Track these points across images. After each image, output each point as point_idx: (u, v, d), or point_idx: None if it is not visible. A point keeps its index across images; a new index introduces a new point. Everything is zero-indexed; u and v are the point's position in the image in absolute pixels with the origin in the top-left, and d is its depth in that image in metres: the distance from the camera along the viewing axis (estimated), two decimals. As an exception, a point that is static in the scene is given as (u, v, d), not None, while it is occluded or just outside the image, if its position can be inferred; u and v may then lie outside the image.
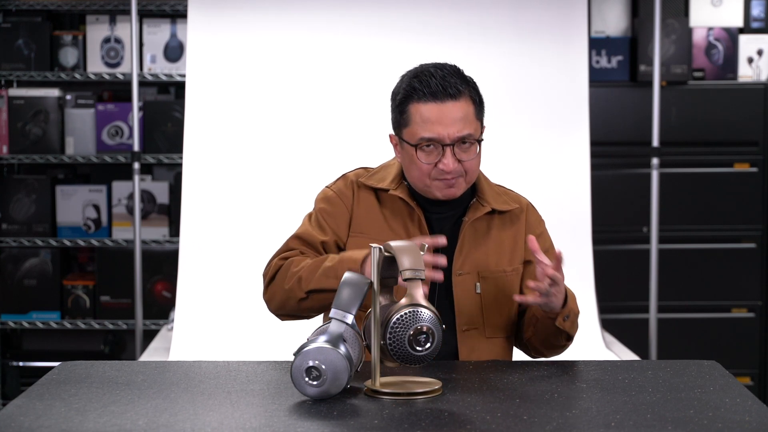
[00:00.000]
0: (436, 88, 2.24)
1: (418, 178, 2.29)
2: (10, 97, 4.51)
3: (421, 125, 2.25)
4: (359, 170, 2.43)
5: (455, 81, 2.26)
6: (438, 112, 2.24)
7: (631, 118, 4.45)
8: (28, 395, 1.90)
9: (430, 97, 2.25)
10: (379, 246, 1.95)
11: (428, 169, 2.27)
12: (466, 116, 2.26)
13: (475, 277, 2.31)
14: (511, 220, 2.39)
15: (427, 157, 2.26)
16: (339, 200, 2.37)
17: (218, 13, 3.85)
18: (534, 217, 2.44)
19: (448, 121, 2.24)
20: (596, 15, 4.56)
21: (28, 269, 4.57)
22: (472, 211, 2.34)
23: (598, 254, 4.01)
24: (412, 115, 2.27)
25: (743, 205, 4.50)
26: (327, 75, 3.81)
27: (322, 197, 2.41)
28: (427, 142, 2.25)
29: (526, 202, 2.44)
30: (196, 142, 3.79)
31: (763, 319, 4.53)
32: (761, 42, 4.58)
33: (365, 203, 2.36)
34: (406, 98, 2.28)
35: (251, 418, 1.77)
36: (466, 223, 2.33)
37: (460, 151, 2.25)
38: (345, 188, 2.38)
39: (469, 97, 2.28)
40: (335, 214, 2.37)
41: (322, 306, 2.27)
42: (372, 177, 2.39)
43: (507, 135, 3.82)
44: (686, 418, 1.76)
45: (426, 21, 3.85)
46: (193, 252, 3.72)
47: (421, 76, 2.27)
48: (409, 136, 2.28)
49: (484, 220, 2.35)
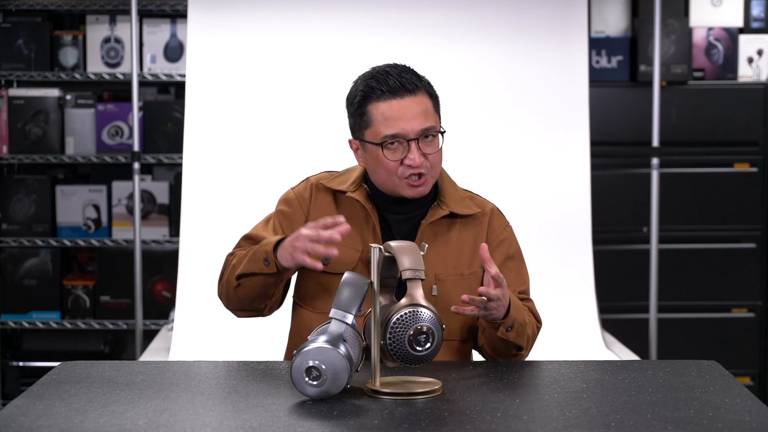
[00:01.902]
0: (394, 85, 2.26)
1: (386, 178, 2.29)
2: (10, 97, 4.51)
3: (383, 123, 2.26)
4: (323, 173, 2.44)
5: (410, 77, 2.28)
6: (398, 107, 2.26)
7: (631, 118, 4.45)
8: (28, 395, 1.90)
9: (389, 95, 2.26)
10: (379, 246, 1.95)
11: (395, 167, 2.26)
12: (426, 109, 2.27)
13: (432, 280, 2.29)
14: (473, 224, 2.37)
15: (393, 154, 2.26)
16: (296, 202, 2.39)
17: (218, 13, 3.85)
18: (498, 222, 2.41)
19: (410, 115, 2.25)
20: (596, 15, 4.56)
21: (28, 269, 4.57)
22: (431, 214, 2.34)
23: (598, 254, 4.01)
24: (373, 114, 2.27)
25: (743, 205, 4.50)
26: (327, 75, 3.81)
27: (282, 199, 2.44)
28: (391, 139, 2.26)
29: (490, 207, 2.42)
30: (196, 142, 3.79)
31: (763, 319, 4.53)
32: (761, 42, 4.58)
33: (322, 206, 2.37)
34: (365, 99, 2.29)
35: (251, 418, 1.77)
36: (424, 225, 2.32)
37: (424, 145, 2.26)
38: (304, 191, 2.41)
39: (425, 92, 2.29)
40: (291, 215, 2.39)
41: (255, 293, 2.28)
42: (333, 179, 2.40)
43: (507, 135, 3.83)
44: (686, 418, 1.76)
45: (426, 21, 3.85)
46: (193, 252, 3.72)
47: (377, 76, 2.29)
48: (372, 136, 2.28)
49: (444, 223, 2.34)
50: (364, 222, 2.33)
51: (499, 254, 2.37)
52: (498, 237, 2.38)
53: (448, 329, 2.29)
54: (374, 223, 2.32)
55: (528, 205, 3.71)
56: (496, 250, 2.36)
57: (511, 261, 2.38)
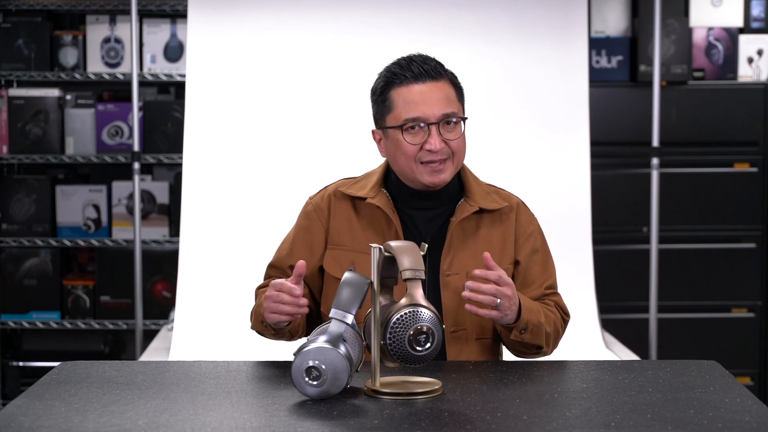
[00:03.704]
0: (417, 71, 2.27)
1: (405, 164, 2.28)
2: (10, 97, 4.51)
3: (405, 107, 2.26)
4: (340, 181, 2.43)
5: (434, 64, 2.30)
6: (420, 92, 2.26)
7: (631, 118, 4.45)
8: (28, 395, 1.90)
9: (411, 80, 2.27)
10: (380, 246, 1.95)
11: (414, 151, 2.26)
12: (449, 96, 2.27)
13: (464, 278, 2.28)
14: (501, 219, 2.37)
15: (413, 138, 2.26)
16: (315, 215, 2.38)
17: (218, 13, 3.85)
18: (525, 216, 2.41)
19: (432, 100, 2.25)
20: (596, 15, 4.56)
21: (28, 269, 4.57)
22: (459, 211, 2.33)
23: (598, 254, 4.01)
24: (395, 99, 2.28)
25: (743, 205, 4.50)
26: (327, 75, 3.81)
27: (302, 213, 2.43)
28: (411, 122, 2.25)
29: (516, 200, 2.42)
30: (196, 142, 3.79)
31: (763, 319, 4.53)
32: (761, 42, 4.58)
33: (341, 215, 2.36)
34: (387, 85, 2.29)
35: (251, 418, 1.77)
36: (454, 223, 2.32)
37: (445, 131, 2.26)
38: (321, 202, 2.39)
39: (449, 81, 2.30)
40: (310, 228, 2.38)
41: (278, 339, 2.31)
42: (352, 186, 2.38)
43: (507, 135, 3.83)
44: (686, 418, 1.76)
45: (426, 21, 3.85)
46: (193, 252, 3.72)
47: (401, 62, 2.30)
48: (394, 120, 2.28)
49: (473, 220, 2.34)
50: (385, 228, 2.32)
51: (527, 248, 2.37)
52: (526, 231, 2.38)
53: (481, 328, 2.31)
54: (396, 228, 2.30)
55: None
56: (524, 245, 2.37)
57: (537, 254, 2.38)
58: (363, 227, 2.33)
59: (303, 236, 2.39)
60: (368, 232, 2.32)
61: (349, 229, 2.34)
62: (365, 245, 2.27)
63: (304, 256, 2.34)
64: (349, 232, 2.34)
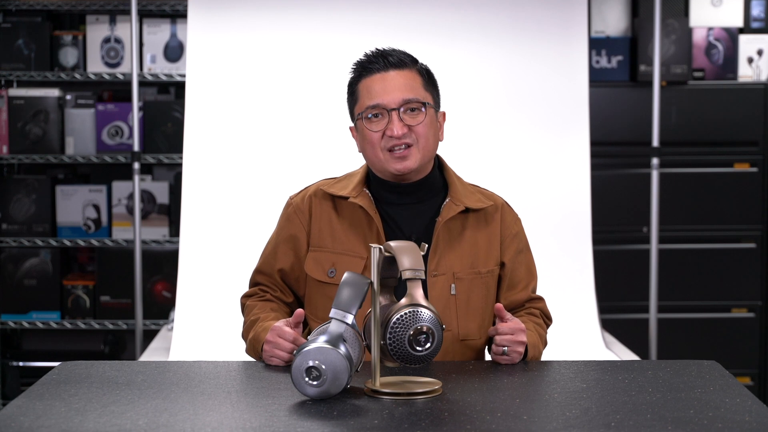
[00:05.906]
0: (382, 63, 2.29)
1: (372, 153, 2.30)
2: (10, 97, 4.51)
3: (367, 95, 2.29)
4: (322, 181, 2.43)
5: (400, 54, 2.32)
6: (381, 81, 2.28)
7: (631, 118, 4.45)
8: (28, 395, 1.90)
9: (374, 71, 2.29)
10: (379, 246, 1.95)
11: (377, 138, 2.28)
12: (411, 84, 2.29)
13: (451, 279, 2.30)
14: (486, 219, 2.37)
15: (375, 125, 2.28)
16: (296, 217, 2.39)
17: (218, 13, 3.85)
18: (510, 216, 2.42)
19: (391, 87, 2.27)
20: (596, 15, 4.56)
21: (28, 269, 4.57)
22: (446, 211, 2.33)
23: (598, 254, 4.01)
24: (360, 91, 2.31)
25: (743, 205, 4.50)
26: (327, 75, 3.81)
27: (283, 215, 2.43)
28: (371, 110, 2.28)
29: (500, 201, 2.42)
30: (196, 142, 3.79)
31: (763, 319, 4.53)
32: (761, 42, 4.58)
33: (322, 216, 2.36)
34: (356, 79, 2.33)
35: (251, 418, 1.77)
36: (440, 223, 2.32)
37: (407, 117, 2.27)
38: (302, 204, 2.39)
39: (416, 71, 2.31)
40: (292, 231, 2.39)
41: None
42: (334, 185, 2.39)
43: (507, 135, 3.83)
44: (686, 418, 1.76)
45: (426, 21, 3.85)
46: (193, 252, 3.72)
47: (368, 55, 2.33)
48: (359, 111, 2.31)
49: (458, 220, 2.34)
50: (367, 228, 2.32)
51: (512, 249, 2.38)
52: (511, 231, 2.39)
53: (468, 329, 2.32)
54: (377, 228, 2.31)
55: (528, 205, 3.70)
56: (510, 246, 2.38)
57: (521, 255, 2.40)
58: (344, 228, 2.34)
59: (286, 238, 2.40)
60: (349, 233, 2.33)
61: (330, 230, 2.35)
62: (346, 246, 2.31)
63: (289, 259, 2.37)
64: (330, 233, 2.35)
